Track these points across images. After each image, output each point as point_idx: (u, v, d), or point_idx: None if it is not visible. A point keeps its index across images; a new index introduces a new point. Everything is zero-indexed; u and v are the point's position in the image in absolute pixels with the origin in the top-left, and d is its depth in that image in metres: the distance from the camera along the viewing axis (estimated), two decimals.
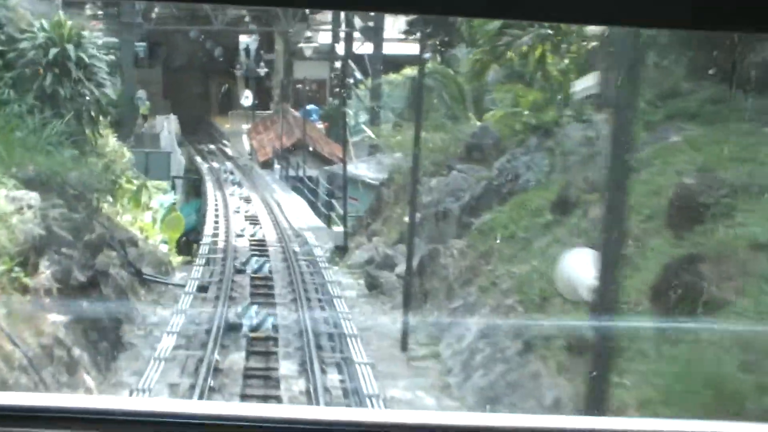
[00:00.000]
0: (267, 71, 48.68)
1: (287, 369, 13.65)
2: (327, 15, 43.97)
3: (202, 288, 17.94)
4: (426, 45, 24.92)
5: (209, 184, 34.24)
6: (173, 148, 35.71)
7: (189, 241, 25.97)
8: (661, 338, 10.04)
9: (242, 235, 24.69)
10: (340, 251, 23.35)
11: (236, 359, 13.90)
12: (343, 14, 41.55)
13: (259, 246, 23.20)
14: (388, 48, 40.74)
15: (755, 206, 11.50)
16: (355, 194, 27.66)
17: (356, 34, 43.12)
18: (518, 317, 13.45)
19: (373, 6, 1.41)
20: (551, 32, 19.71)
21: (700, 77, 17.02)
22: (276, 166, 39.79)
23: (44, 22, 19.12)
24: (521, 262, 14.85)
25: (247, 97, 48.86)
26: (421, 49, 21.27)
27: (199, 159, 42.10)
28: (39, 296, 12.29)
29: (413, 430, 1.76)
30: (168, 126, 38.43)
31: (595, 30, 18.05)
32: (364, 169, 29.93)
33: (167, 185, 29.06)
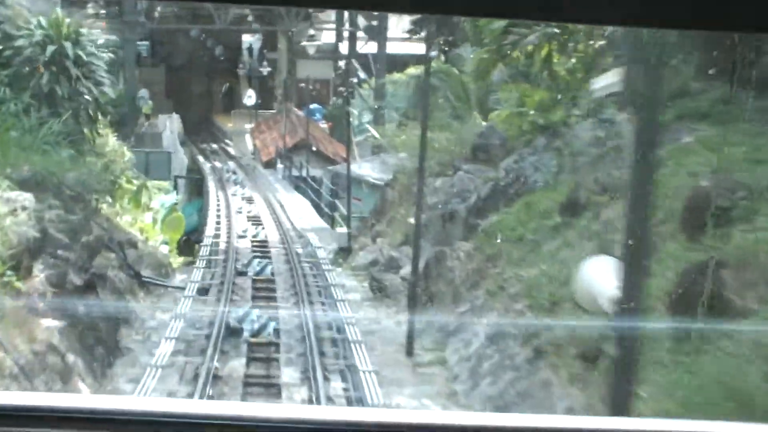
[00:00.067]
0: (270, 70, 48.42)
1: (289, 376, 13.28)
2: (330, 14, 43.71)
3: (203, 291, 17.65)
4: (431, 44, 24.56)
5: (211, 184, 33.96)
6: (175, 148, 35.45)
7: (190, 241, 25.62)
8: (680, 347, 9.62)
9: (244, 236, 24.39)
10: (344, 253, 22.98)
11: (236, 366, 13.55)
12: (347, 13, 41.29)
13: (261, 247, 22.91)
14: (392, 47, 40.48)
15: None
16: (359, 195, 27.29)
17: (360, 34, 42.87)
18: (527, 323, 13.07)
19: (377, 5, 1.40)
20: (558, 31, 19.31)
21: (710, 77, 16.64)
22: (279, 166, 39.50)
23: (42, 20, 18.75)
24: (530, 266, 14.48)
25: (250, 97, 48.54)
26: (428, 48, 20.87)
27: (202, 158, 41.84)
28: (32, 301, 11.91)
29: (414, 430, 1.75)
30: (170, 125, 38.17)
31: (605, 28, 17.64)
32: (368, 169, 29.57)
33: (168, 185, 28.73)
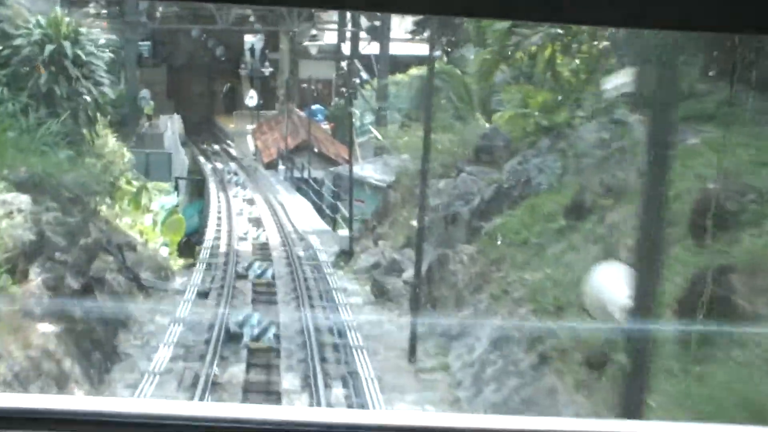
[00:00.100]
0: (272, 71, 48.25)
1: (289, 383, 13.06)
2: (333, 14, 43.53)
3: (203, 294, 17.45)
4: (434, 45, 24.34)
5: (212, 186, 33.77)
6: (177, 149, 35.23)
7: (191, 243, 25.41)
8: (688, 354, 9.39)
9: (245, 239, 24.21)
10: (346, 255, 22.74)
11: (236, 372, 13.34)
12: (349, 14, 41.12)
13: (262, 250, 22.72)
14: (395, 48, 40.28)
15: None
16: (361, 196, 27.07)
17: (362, 34, 42.70)
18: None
19: (379, 6, 1.37)
20: (561, 32, 19.12)
21: (712, 78, 16.45)
22: (280, 167, 39.31)
23: (40, 19, 18.55)
24: (534, 269, 14.26)
25: (252, 97, 48.34)
26: (430, 49, 20.64)
27: (203, 159, 41.64)
28: (28, 305, 11.70)
29: None
30: (172, 126, 37.97)
31: (608, 28, 17.43)
32: (371, 171, 29.34)
33: (169, 186, 28.50)
